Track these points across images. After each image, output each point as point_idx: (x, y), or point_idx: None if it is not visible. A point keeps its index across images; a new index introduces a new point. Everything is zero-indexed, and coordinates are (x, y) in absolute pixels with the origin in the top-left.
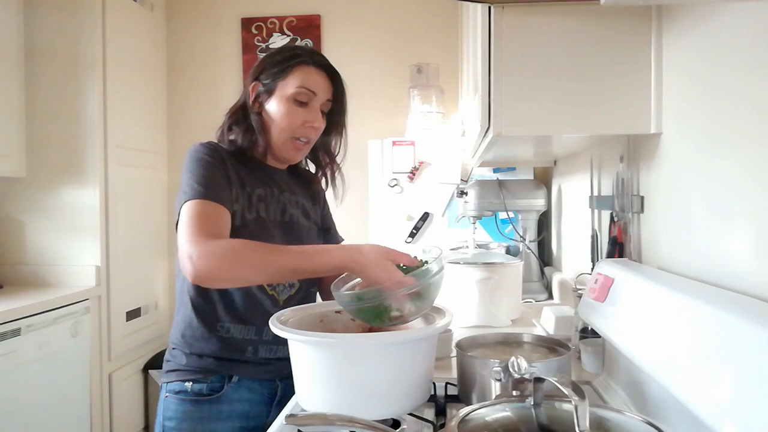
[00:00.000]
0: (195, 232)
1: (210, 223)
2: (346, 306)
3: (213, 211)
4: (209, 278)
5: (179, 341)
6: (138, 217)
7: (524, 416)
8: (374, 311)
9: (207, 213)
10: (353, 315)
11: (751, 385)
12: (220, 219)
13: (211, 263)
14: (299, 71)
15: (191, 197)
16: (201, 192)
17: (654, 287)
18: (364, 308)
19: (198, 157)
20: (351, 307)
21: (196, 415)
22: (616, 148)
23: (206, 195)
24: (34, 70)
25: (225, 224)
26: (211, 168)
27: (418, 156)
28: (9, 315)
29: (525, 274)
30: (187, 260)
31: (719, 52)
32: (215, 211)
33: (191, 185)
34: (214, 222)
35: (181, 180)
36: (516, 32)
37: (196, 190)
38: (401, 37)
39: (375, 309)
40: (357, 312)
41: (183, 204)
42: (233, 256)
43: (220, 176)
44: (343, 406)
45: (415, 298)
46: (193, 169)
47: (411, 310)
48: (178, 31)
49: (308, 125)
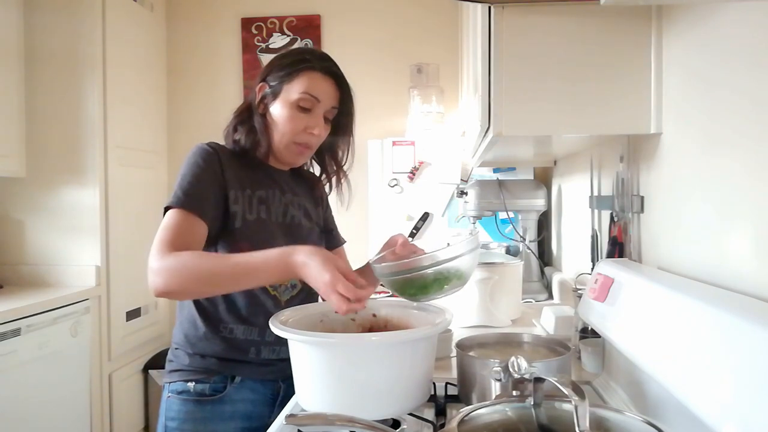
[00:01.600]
0: (159, 246)
1: (178, 236)
2: (385, 278)
3: (186, 222)
4: (166, 293)
5: (182, 341)
6: (138, 217)
7: (524, 416)
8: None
9: (179, 225)
10: (393, 288)
11: (751, 385)
12: (192, 231)
13: (166, 279)
14: (305, 76)
15: (172, 204)
16: (181, 200)
17: (654, 287)
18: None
19: (191, 162)
20: (388, 280)
21: (198, 416)
22: (616, 148)
23: (185, 203)
24: (34, 70)
25: (196, 236)
26: (202, 174)
27: (418, 156)
28: (9, 315)
29: (525, 274)
30: (149, 274)
31: (719, 52)
32: (189, 222)
33: (176, 191)
34: (184, 234)
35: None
36: (516, 32)
37: (178, 198)
38: (401, 37)
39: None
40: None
41: (165, 210)
42: (184, 270)
43: (208, 183)
44: (343, 406)
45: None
46: (183, 174)
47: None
48: (178, 31)
49: (309, 131)
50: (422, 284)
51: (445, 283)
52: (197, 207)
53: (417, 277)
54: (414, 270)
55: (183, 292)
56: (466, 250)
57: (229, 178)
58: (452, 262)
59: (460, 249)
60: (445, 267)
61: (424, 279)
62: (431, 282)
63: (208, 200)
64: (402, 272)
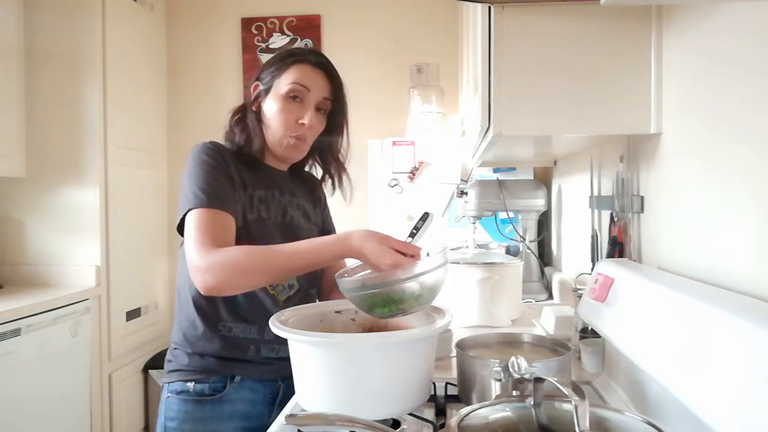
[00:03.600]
0: (200, 245)
1: (214, 233)
2: (350, 293)
3: (216, 220)
4: (218, 290)
5: (181, 341)
6: (138, 217)
7: (524, 416)
8: (379, 298)
9: (210, 222)
10: (357, 304)
11: (752, 385)
12: (225, 226)
13: (217, 275)
14: (294, 68)
15: (195, 206)
16: (203, 200)
17: (654, 287)
18: (369, 295)
19: (201, 160)
20: (355, 295)
21: (198, 416)
22: (616, 148)
23: (209, 203)
24: (34, 70)
25: (230, 231)
26: (214, 171)
27: (418, 156)
28: (9, 315)
29: (525, 274)
30: (195, 273)
31: (719, 52)
32: (219, 219)
33: (195, 192)
34: (219, 231)
35: (183, 182)
36: (516, 32)
37: (200, 198)
38: (401, 37)
39: (379, 296)
40: (362, 300)
41: (187, 212)
42: (236, 265)
43: (223, 178)
44: (343, 406)
45: (420, 288)
46: (197, 174)
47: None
48: (178, 31)
49: (300, 122)
50: (384, 300)
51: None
52: (221, 203)
53: (383, 292)
54: (380, 286)
55: (235, 287)
56: (431, 266)
57: (234, 176)
58: (418, 279)
59: (425, 265)
60: (409, 285)
61: (386, 295)
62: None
63: (229, 193)
64: (367, 287)
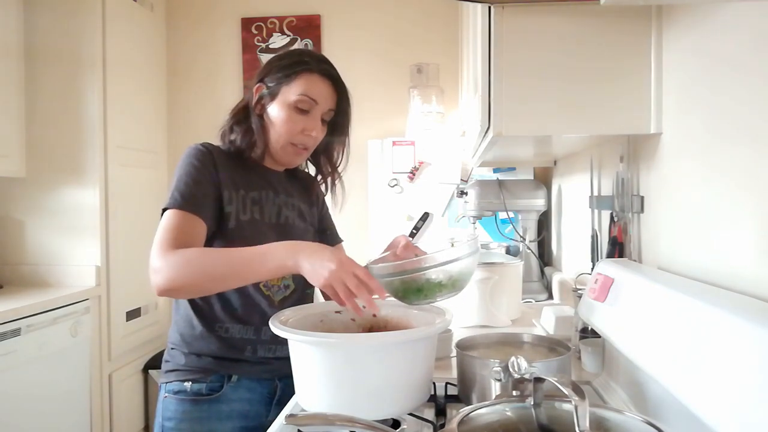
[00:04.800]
0: (159, 246)
1: (179, 235)
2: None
3: (186, 223)
4: (167, 290)
5: (178, 341)
6: (138, 217)
7: (524, 416)
8: (411, 285)
9: (178, 224)
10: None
11: (752, 385)
12: (192, 231)
13: (166, 275)
14: (303, 78)
15: (169, 206)
16: (179, 202)
17: (654, 287)
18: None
19: (187, 162)
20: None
21: (195, 415)
22: (616, 148)
23: (183, 205)
24: (34, 70)
25: (197, 235)
26: (197, 175)
27: (418, 156)
28: (9, 315)
29: (525, 274)
30: (151, 273)
31: (719, 52)
32: (188, 222)
33: (173, 193)
34: (184, 233)
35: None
36: (516, 32)
37: (174, 199)
38: (401, 37)
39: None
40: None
41: (162, 211)
42: (185, 266)
43: (206, 183)
44: (343, 406)
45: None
46: (180, 175)
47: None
48: (178, 31)
49: (306, 133)
50: (418, 287)
51: (442, 287)
52: (195, 207)
53: (413, 279)
54: (411, 272)
55: (186, 288)
56: (465, 253)
57: (224, 179)
58: (450, 266)
59: (458, 252)
60: (443, 270)
61: (420, 281)
62: (428, 285)
63: (205, 200)
64: (398, 273)
